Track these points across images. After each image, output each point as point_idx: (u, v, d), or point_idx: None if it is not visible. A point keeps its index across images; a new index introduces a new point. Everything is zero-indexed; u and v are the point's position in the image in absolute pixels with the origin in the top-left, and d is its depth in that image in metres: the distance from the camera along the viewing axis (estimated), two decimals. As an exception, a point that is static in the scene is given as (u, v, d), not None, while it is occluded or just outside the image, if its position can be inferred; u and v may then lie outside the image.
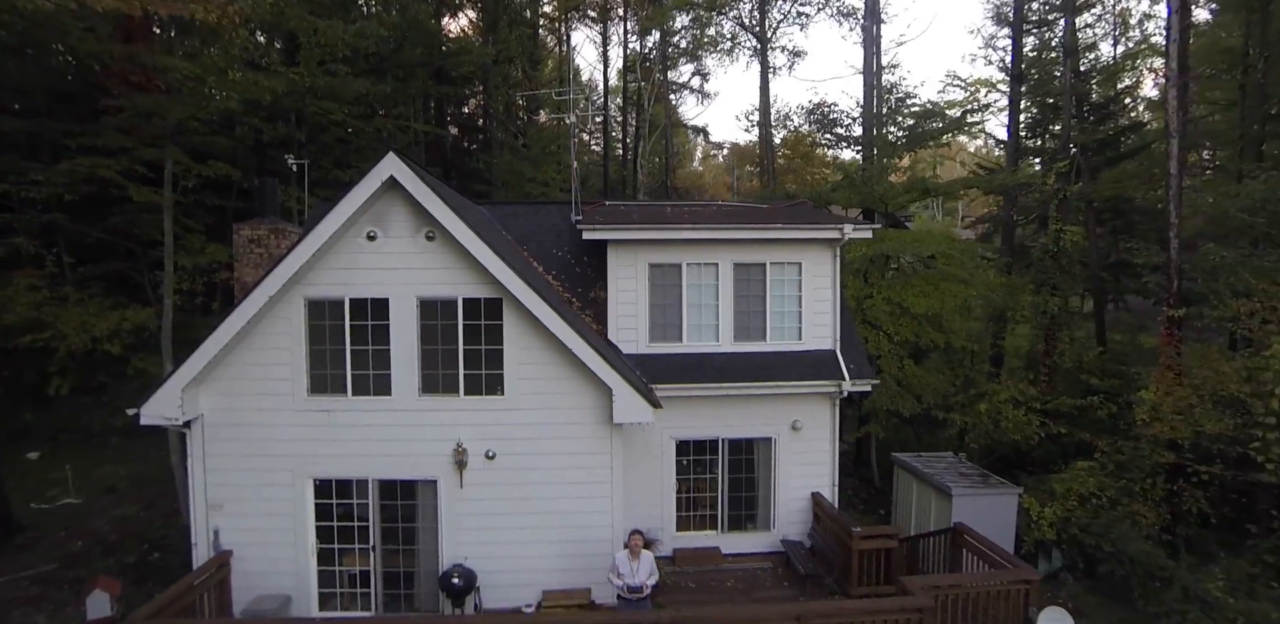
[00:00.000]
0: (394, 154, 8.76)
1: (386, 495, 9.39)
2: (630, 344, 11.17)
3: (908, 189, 15.43)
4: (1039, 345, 16.42)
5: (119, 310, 17.11)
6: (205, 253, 17.76)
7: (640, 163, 27.72)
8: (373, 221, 9.14)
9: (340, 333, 9.25)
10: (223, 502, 9.23)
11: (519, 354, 9.29)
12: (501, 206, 13.72)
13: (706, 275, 11.22)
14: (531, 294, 8.87)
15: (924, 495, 13.74)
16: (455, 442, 9.29)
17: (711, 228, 10.82)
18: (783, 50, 25.74)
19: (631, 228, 10.80)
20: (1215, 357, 11.94)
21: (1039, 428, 14.97)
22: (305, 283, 9.14)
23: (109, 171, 15.06)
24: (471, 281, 9.16)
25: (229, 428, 9.18)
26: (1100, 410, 14.99)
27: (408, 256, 9.18)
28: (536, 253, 12.62)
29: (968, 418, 15.11)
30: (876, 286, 15.27)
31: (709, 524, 11.57)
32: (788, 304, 11.32)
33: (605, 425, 9.36)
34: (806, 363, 11.18)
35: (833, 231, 10.89)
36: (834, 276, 11.31)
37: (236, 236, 11.24)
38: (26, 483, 15.64)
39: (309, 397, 9.23)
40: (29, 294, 15.97)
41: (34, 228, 16.32)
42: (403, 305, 9.21)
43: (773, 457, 11.46)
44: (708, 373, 10.97)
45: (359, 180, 8.83)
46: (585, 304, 11.85)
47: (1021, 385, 15.29)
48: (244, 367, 9.16)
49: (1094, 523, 12.92)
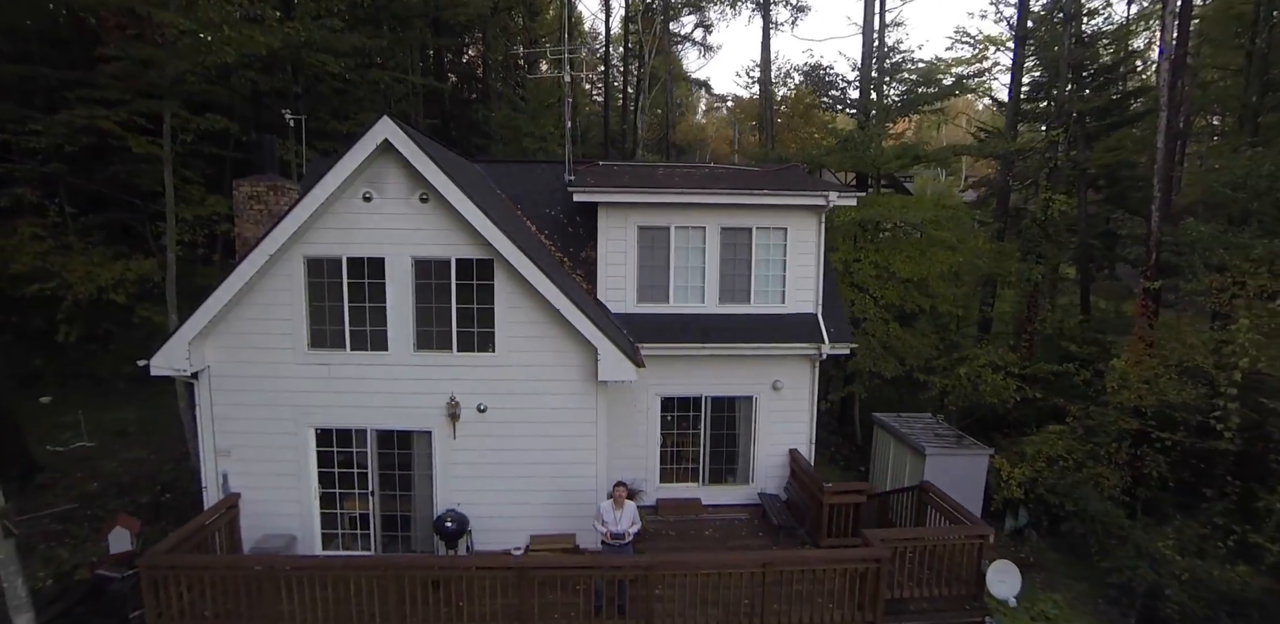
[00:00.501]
0: (388, 117, 8.92)
1: (384, 444, 9.94)
2: (619, 303, 11.55)
3: (898, 154, 15.51)
4: (1022, 312, 16.80)
5: (122, 260, 17.45)
6: (205, 204, 17.92)
7: (640, 116, 27.50)
8: (368, 183, 9.38)
9: (338, 290, 9.61)
10: (230, 448, 9.78)
11: (509, 313, 9.68)
12: (496, 164, 13.85)
13: (694, 238, 11.51)
14: (521, 256, 9.19)
15: (900, 454, 14.39)
16: (449, 395, 9.77)
17: (699, 192, 11.04)
18: (786, 4, 25.27)
19: (621, 191, 11.03)
20: (1184, 329, 12.33)
21: (1016, 392, 15.50)
22: (304, 241, 9.45)
23: (108, 122, 15.12)
24: (464, 242, 9.47)
25: (234, 379, 9.65)
26: (1076, 376, 15.50)
27: (403, 217, 9.46)
28: (530, 212, 12.87)
29: (948, 381, 15.62)
30: (864, 250, 15.55)
31: (691, 477, 12.20)
32: (772, 268, 11.64)
33: (591, 382, 9.82)
34: (788, 325, 11.57)
35: (818, 198, 11.12)
36: (818, 242, 11.60)
37: (236, 193, 11.45)
38: (40, 426, 16.29)
39: (309, 351, 9.67)
40: (34, 243, 16.27)
41: (34, 178, 16.47)
42: (398, 264, 9.55)
43: (753, 414, 11.98)
44: (693, 333, 11.38)
45: (357, 134, 9.02)
46: (576, 263, 12.18)
47: (1001, 351, 15.74)
48: (247, 321, 9.56)
49: (1059, 483, 13.60)
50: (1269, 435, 12.04)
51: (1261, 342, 11.64)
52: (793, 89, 24.85)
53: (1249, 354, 11.69)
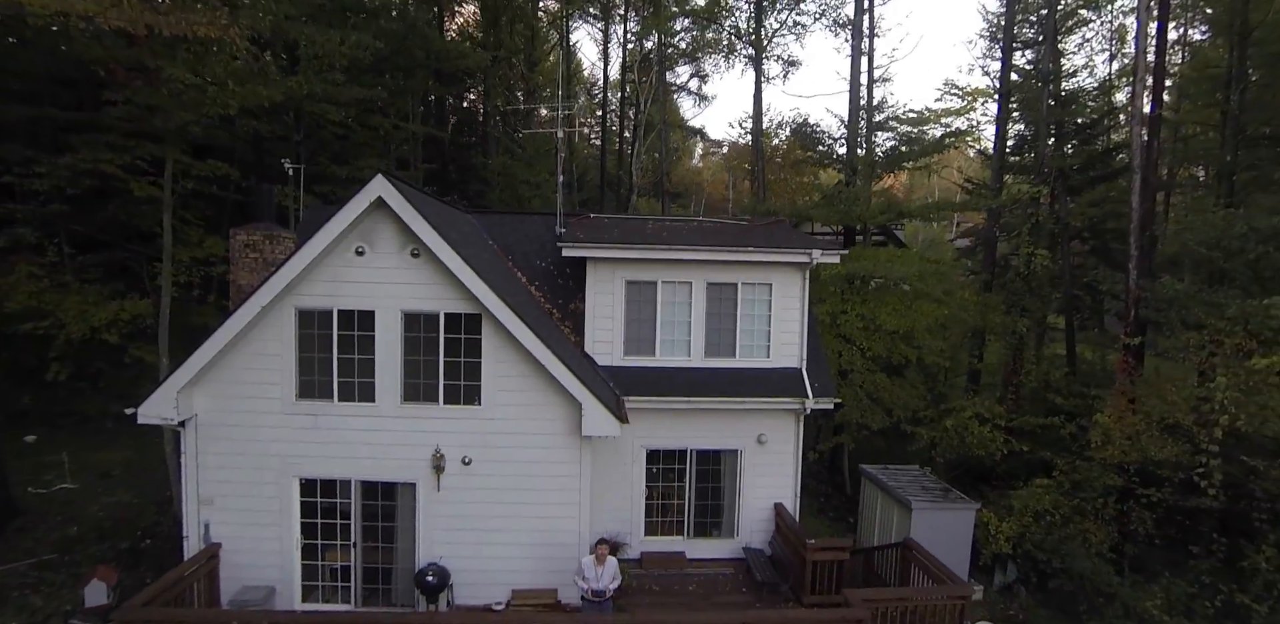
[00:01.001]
0: (383, 175, 9.22)
1: (368, 496, 9.94)
2: (606, 356, 11.69)
3: (884, 209, 15.91)
4: (1008, 364, 17.00)
5: (118, 300, 17.60)
6: (203, 246, 18.19)
7: (636, 163, 28.11)
8: (361, 237, 9.61)
9: (328, 341, 9.75)
10: (213, 497, 9.77)
11: (496, 367, 9.81)
12: (490, 215, 14.18)
13: (680, 293, 11.73)
14: (509, 312, 9.37)
15: (887, 507, 14.34)
16: (434, 447, 9.83)
17: (686, 249, 11.31)
18: (778, 59, 26.13)
19: (609, 246, 11.29)
20: (1165, 386, 12.49)
21: (1003, 445, 15.56)
22: (296, 293, 9.63)
23: (111, 166, 15.47)
24: (453, 297, 9.66)
25: (221, 428, 9.71)
26: (1062, 429, 15.59)
27: (394, 272, 9.67)
28: (521, 263, 13.12)
29: (935, 433, 15.69)
30: (851, 302, 15.80)
31: (676, 530, 12.15)
32: (757, 323, 11.84)
33: (576, 436, 9.89)
34: (773, 380, 11.71)
35: (802, 256, 11.39)
36: (803, 298, 11.82)
37: (232, 241, 11.68)
38: (24, 466, 16.18)
39: (297, 401, 9.75)
40: (30, 282, 16.45)
41: (35, 218, 16.74)
42: (388, 317, 9.71)
43: (739, 468, 12.02)
44: (679, 387, 11.50)
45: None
46: (565, 315, 12.36)
47: (988, 403, 15.86)
48: (237, 370, 9.67)
49: (1047, 539, 13.56)
50: (1252, 493, 12.09)
51: (1241, 399, 11.80)
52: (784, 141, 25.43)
53: (1229, 412, 11.84)
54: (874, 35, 24.01)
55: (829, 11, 26.13)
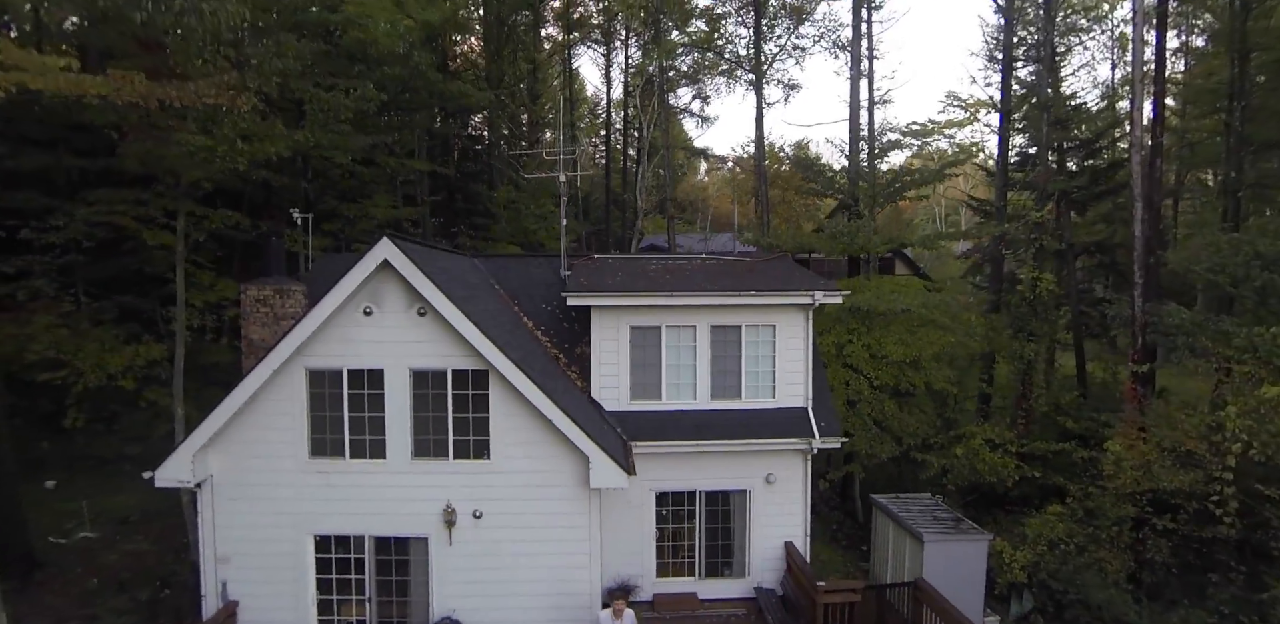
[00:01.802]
0: (388, 238, 9.42)
1: (382, 551, 10.08)
2: (612, 401, 11.79)
3: (886, 240, 15.99)
4: (1017, 389, 16.96)
5: (133, 345, 17.93)
6: (215, 290, 18.54)
7: (640, 187, 28.30)
8: (369, 298, 9.80)
9: (339, 400, 9.93)
10: (230, 555, 9.94)
11: (504, 421, 9.95)
12: (495, 260, 14.38)
13: (685, 337, 11.83)
14: (514, 368, 9.51)
15: (899, 539, 14.31)
16: (445, 502, 9.95)
17: (689, 294, 11.43)
18: (779, 83, 26.37)
19: (613, 294, 11.41)
20: (1175, 414, 12.44)
21: (1014, 471, 15.51)
22: (306, 354, 9.81)
23: (125, 218, 15.84)
24: (460, 354, 9.81)
25: (236, 487, 9.89)
26: (1074, 454, 15.51)
27: (401, 330, 9.84)
28: (526, 307, 13.27)
29: (945, 460, 15.66)
30: (856, 333, 15.85)
31: (687, 571, 12.18)
32: (762, 364, 11.92)
33: (584, 487, 9.99)
34: (779, 420, 11.77)
35: (805, 297, 11.49)
36: (806, 338, 11.90)
37: (243, 296, 11.90)
38: (44, 514, 16.41)
39: (310, 459, 9.92)
40: (47, 333, 16.80)
41: (52, 270, 17.13)
42: (396, 376, 9.88)
43: (747, 507, 12.05)
44: (685, 430, 11.58)
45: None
46: (572, 360, 12.49)
47: (999, 429, 15.82)
48: (250, 430, 9.85)
49: (1062, 569, 13.49)
50: (1268, 521, 12.00)
51: (1253, 428, 11.73)
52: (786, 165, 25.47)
53: (1240, 440, 11.78)
54: (873, 58, 24.21)
55: (828, 34, 26.36)
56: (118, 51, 14.86)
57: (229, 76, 10.71)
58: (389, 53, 15.98)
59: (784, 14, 25.84)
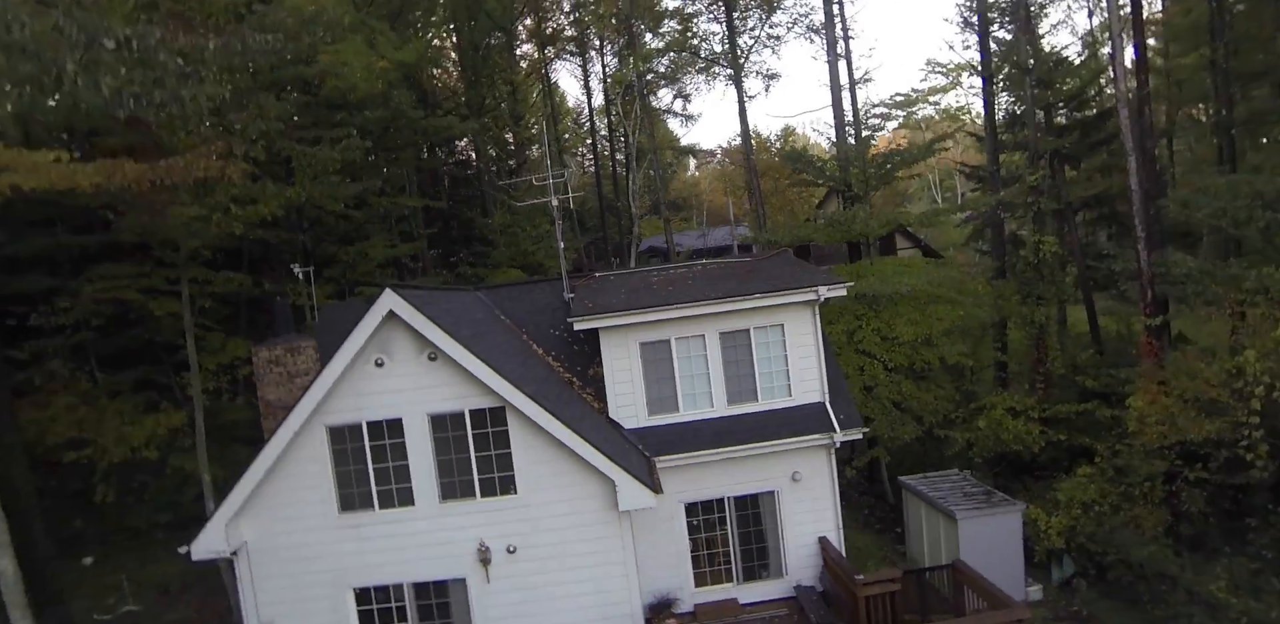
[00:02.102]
0: (390, 290, 9.52)
1: (421, 596, 10.20)
2: (631, 419, 11.88)
3: (883, 223, 15.96)
4: (1032, 354, 16.91)
5: (153, 415, 18.20)
6: (226, 351, 18.77)
7: (632, 193, 28.38)
8: (378, 349, 9.91)
9: (361, 454, 10.07)
10: (274, 618, 10.09)
11: (526, 455, 10.06)
12: (497, 290, 14.49)
13: (695, 347, 11.90)
14: (529, 402, 9.62)
15: (932, 519, 14.35)
16: (478, 541, 10.07)
17: (694, 304, 11.47)
18: (758, 74, 26.35)
19: (619, 314, 11.47)
20: (1193, 363, 12.36)
21: (1039, 436, 15.47)
22: (323, 412, 9.92)
23: (129, 291, 16.09)
24: (475, 393, 9.91)
25: (271, 551, 10.04)
26: (1098, 412, 15.45)
27: (414, 377, 9.96)
28: (535, 335, 13.38)
29: (969, 433, 15.65)
30: (865, 318, 15.85)
31: (725, 577, 12.22)
32: (774, 364, 11.96)
33: (613, 511, 10.07)
34: (798, 418, 11.81)
35: (809, 293, 11.50)
36: (815, 332, 11.93)
37: (256, 359, 12.12)
38: (85, 590, 16.73)
39: (340, 515, 10.06)
40: (67, 413, 17.09)
41: (65, 350, 17.43)
42: (415, 422, 10.00)
43: (777, 508, 12.09)
44: (706, 439, 11.65)
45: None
46: (585, 382, 12.59)
47: (1019, 396, 15.79)
48: (279, 494, 10.00)
49: (1099, 530, 13.49)
50: (1300, 463, 11.94)
51: (1274, 369, 11.66)
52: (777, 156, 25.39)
53: (1263, 382, 11.71)
54: (848, 38, 24.22)
55: (801, 19, 26.23)
56: (102, 129, 15.11)
57: (216, 146, 10.86)
58: (368, 96, 16.12)
59: (755, 5, 25.80)
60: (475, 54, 27.43)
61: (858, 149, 16.69)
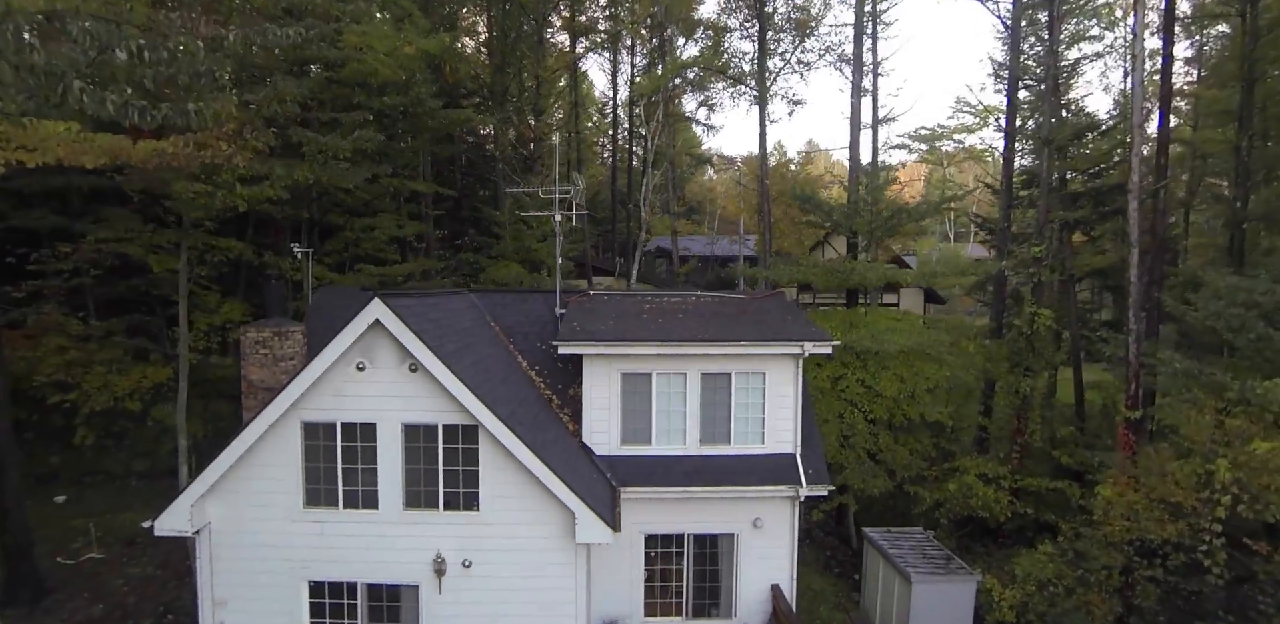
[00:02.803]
0: (378, 299, 9.57)
1: (374, 598, 10.30)
2: (603, 446, 11.97)
3: (881, 277, 15.98)
4: (1013, 424, 16.98)
5: (140, 365, 18.31)
6: (220, 312, 18.85)
7: (645, 201, 28.34)
8: (362, 353, 9.97)
9: (333, 452, 10.14)
10: (227, 599, 10.22)
11: (493, 475, 10.12)
12: (491, 295, 14.50)
13: (675, 384, 11.96)
14: (502, 427, 9.68)
15: (889, 576, 14.47)
16: (435, 551, 10.16)
17: (680, 343, 11.54)
18: (783, 98, 26.32)
19: (604, 343, 11.56)
20: (1166, 463, 12.43)
21: (1007, 506, 15.57)
22: (301, 407, 10.00)
23: (133, 246, 16.11)
24: (450, 409, 9.97)
25: (233, 535, 10.14)
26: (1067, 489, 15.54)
27: (393, 385, 10.01)
28: (522, 346, 13.43)
29: (938, 494, 15.75)
30: (851, 367, 15.90)
31: (675, 611, 12.37)
32: (751, 411, 12.03)
33: (571, 539, 10.16)
34: (768, 467, 11.89)
35: (794, 347, 11.58)
36: (796, 385, 11.98)
37: (243, 338, 12.10)
38: (53, 531, 16.86)
39: (304, 508, 10.14)
40: (56, 355, 17.18)
41: (63, 292, 17.47)
42: (389, 429, 10.07)
43: (735, 550, 12.21)
44: (675, 477, 11.72)
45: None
46: (565, 402, 12.65)
47: (992, 463, 15.87)
48: (247, 481, 10.08)
49: (1050, 611, 13.57)
50: (1255, 575, 12.03)
51: (1243, 481, 11.74)
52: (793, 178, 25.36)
53: (1231, 492, 11.79)
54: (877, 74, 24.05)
55: (833, 48, 26.20)
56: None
57: (227, 127, 10.84)
58: (390, 81, 16.11)
59: (789, 27, 25.68)
60: (505, 40, 27.33)
61: (869, 197, 16.66)
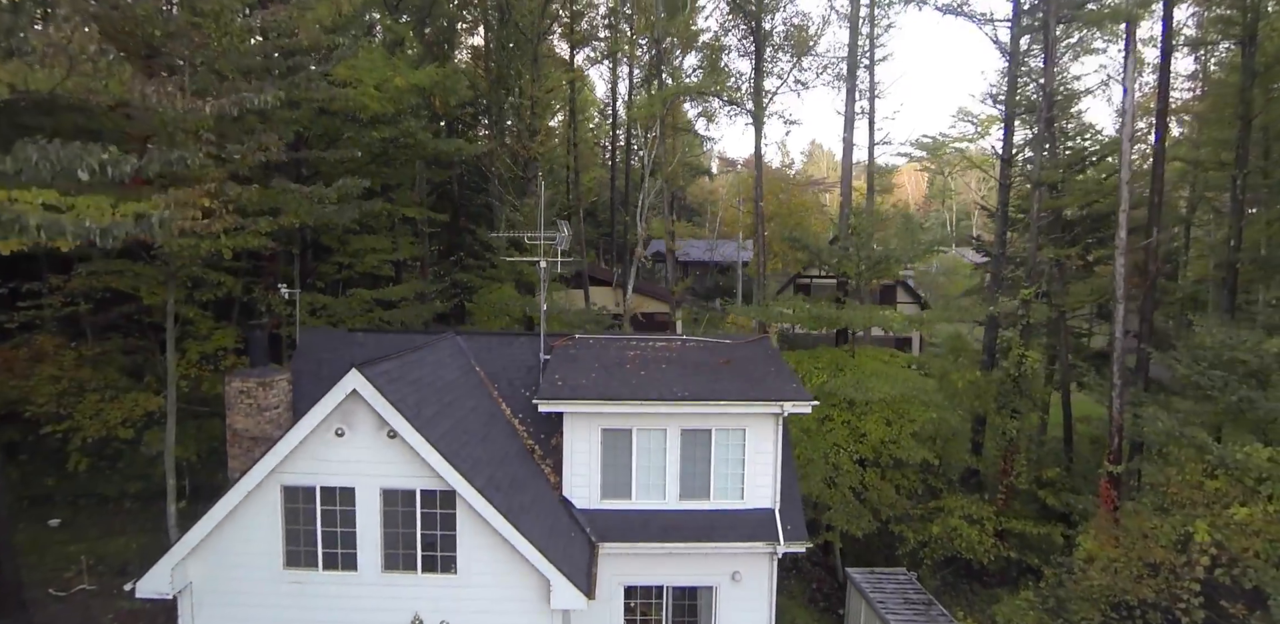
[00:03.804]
0: (356, 370, 9.62)
1: (352, 658, 10.46)
2: (583, 499, 12.06)
3: (867, 319, 15.93)
4: (1001, 464, 17.01)
5: (132, 393, 18.42)
6: (212, 339, 18.93)
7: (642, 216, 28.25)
8: (341, 419, 10.04)
9: (312, 515, 10.24)
10: (208, 657, 10.38)
11: (471, 539, 10.22)
12: (478, 338, 14.52)
13: (655, 439, 12.03)
14: (478, 497, 9.76)
15: (870, 620, 14.58)
16: (413, 614, 10.29)
17: (660, 403, 11.59)
18: (779, 117, 26.08)
19: (585, 402, 11.62)
20: (1145, 524, 12.45)
21: (992, 548, 15.64)
22: (282, 471, 10.09)
23: (122, 280, 16.17)
24: (428, 475, 10.04)
25: (214, 595, 10.28)
26: (1053, 534, 15.59)
27: (372, 451, 10.10)
28: (506, 392, 13.49)
29: (922, 535, 15.82)
30: (838, 408, 15.92)
31: (653, 662, 12.53)
32: (731, 466, 12.11)
33: (547, 602, 10.28)
34: (747, 523, 11.97)
35: (774, 407, 11.63)
36: (776, 441, 12.04)
37: (227, 388, 12.21)
38: (47, 558, 17.07)
39: (285, 569, 10.26)
40: (50, 385, 17.31)
41: (54, 324, 17.57)
42: (367, 493, 10.17)
43: (714, 603, 12.31)
44: (654, 532, 11.82)
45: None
46: (546, 452, 12.73)
47: (978, 504, 15.92)
48: (228, 542, 10.19)
49: (1029, 661, 13.66)
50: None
51: (1223, 542, 11.78)
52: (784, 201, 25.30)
53: (1210, 553, 11.84)
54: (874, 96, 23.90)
55: (831, 66, 25.98)
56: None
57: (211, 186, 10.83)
58: (379, 116, 16.07)
59: (786, 46, 25.48)
60: (503, 53, 27.15)
61: (859, 239, 16.57)
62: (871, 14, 23.16)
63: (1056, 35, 19.81)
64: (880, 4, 23.01)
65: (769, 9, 24.59)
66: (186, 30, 11.95)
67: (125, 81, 8.27)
